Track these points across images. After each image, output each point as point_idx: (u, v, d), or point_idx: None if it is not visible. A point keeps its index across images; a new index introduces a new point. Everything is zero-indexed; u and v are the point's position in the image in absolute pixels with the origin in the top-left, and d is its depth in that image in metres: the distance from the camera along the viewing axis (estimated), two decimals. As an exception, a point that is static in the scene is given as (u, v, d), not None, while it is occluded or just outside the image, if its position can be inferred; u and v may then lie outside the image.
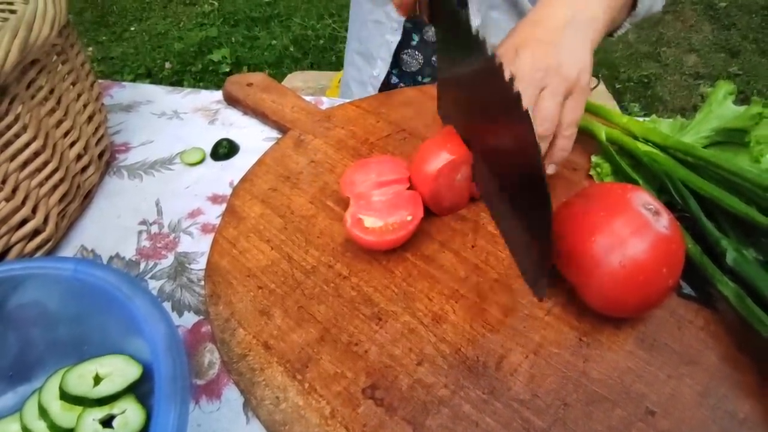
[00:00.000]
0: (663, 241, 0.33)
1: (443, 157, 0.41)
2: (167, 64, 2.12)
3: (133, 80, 2.00)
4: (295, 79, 1.27)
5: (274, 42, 2.22)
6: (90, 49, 2.21)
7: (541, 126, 0.39)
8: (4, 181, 0.39)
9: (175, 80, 2.04)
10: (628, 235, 0.33)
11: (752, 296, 0.34)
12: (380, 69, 0.76)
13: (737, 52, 2.08)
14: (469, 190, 0.45)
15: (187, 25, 2.36)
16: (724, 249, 0.37)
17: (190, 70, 2.09)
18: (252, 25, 2.34)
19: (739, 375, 0.33)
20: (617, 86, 1.97)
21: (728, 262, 0.37)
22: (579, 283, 0.35)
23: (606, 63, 2.05)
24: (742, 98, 1.88)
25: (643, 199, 0.35)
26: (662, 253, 0.33)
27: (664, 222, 0.34)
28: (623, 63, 2.08)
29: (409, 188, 0.44)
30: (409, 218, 0.41)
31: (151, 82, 1.95)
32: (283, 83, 1.25)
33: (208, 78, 2.06)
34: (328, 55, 2.15)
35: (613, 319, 0.36)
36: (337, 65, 2.04)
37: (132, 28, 2.35)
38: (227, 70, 2.07)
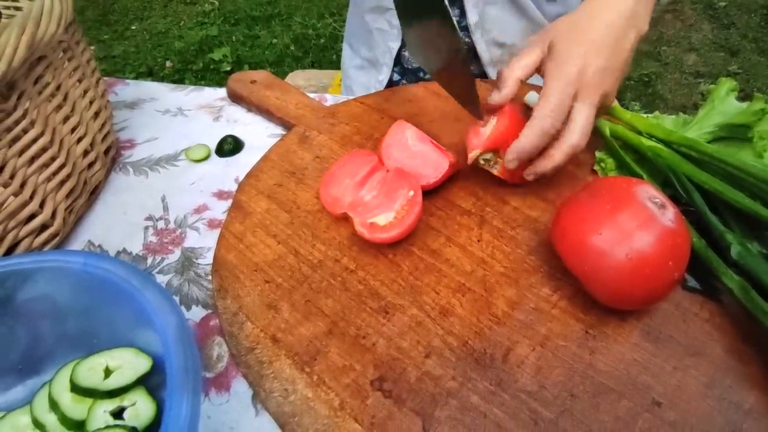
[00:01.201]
0: (669, 234, 0.33)
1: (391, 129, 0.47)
2: (168, 63, 2.12)
3: (135, 79, 2.00)
4: (297, 78, 1.27)
5: (275, 41, 2.22)
6: (92, 47, 2.21)
7: (585, 138, 0.42)
8: (12, 176, 0.39)
9: (177, 79, 2.04)
10: (634, 229, 0.33)
11: (757, 288, 0.35)
12: (385, 74, 0.77)
13: (737, 51, 2.08)
14: (446, 155, 0.45)
15: (188, 23, 2.37)
16: (729, 242, 0.37)
17: (191, 69, 2.09)
18: (253, 24, 2.34)
19: (744, 366, 0.33)
20: (617, 85, 1.97)
21: (733, 255, 0.37)
22: (585, 276, 0.35)
23: (606, 62, 2.05)
24: (742, 96, 1.88)
25: (648, 192, 0.35)
26: (668, 246, 0.33)
27: (669, 215, 0.34)
28: (623, 62, 2.08)
29: (388, 171, 0.45)
30: (411, 193, 0.41)
31: (152, 81, 1.95)
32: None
33: (210, 77, 2.06)
34: (328, 53, 2.15)
35: (619, 311, 0.36)
36: (338, 64, 2.04)
37: (133, 27, 2.35)
38: (228, 68, 2.07)
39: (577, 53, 0.41)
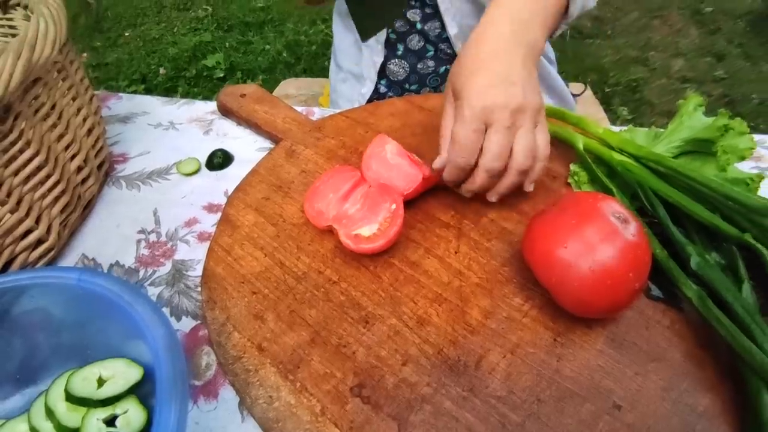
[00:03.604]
0: (630, 247, 0.36)
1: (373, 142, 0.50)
2: (161, 70, 2.13)
3: (128, 86, 2.01)
4: (289, 86, 1.29)
5: (267, 47, 2.24)
6: (84, 55, 2.22)
7: (526, 162, 0.43)
8: (8, 195, 0.41)
9: (170, 86, 2.05)
10: (598, 242, 0.35)
11: (713, 298, 0.37)
12: (368, 87, 0.80)
13: (723, 57, 2.12)
14: (421, 169, 0.47)
15: (181, 30, 2.38)
16: (689, 254, 0.40)
17: (185, 76, 2.11)
18: (246, 30, 2.36)
19: (700, 371, 0.36)
20: (606, 90, 2.01)
21: (692, 266, 0.39)
22: (553, 287, 0.37)
23: (595, 68, 2.09)
24: (727, 101, 1.92)
25: (612, 208, 0.37)
26: (629, 258, 0.35)
27: (632, 230, 0.36)
28: (612, 67, 2.11)
29: (370, 186, 0.47)
30: (393, 206, 0.43)
31: (145, 88, 1.96)
32: (276, 90, 1.27)
33: (203, 83, 2.07)
34: (320, 60, 2.18)
35: (586, 319, 0.38)
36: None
37: (126, 34, 2.36)
38: (221, 75, 2.09)
39: (470, 90, 0.42)
